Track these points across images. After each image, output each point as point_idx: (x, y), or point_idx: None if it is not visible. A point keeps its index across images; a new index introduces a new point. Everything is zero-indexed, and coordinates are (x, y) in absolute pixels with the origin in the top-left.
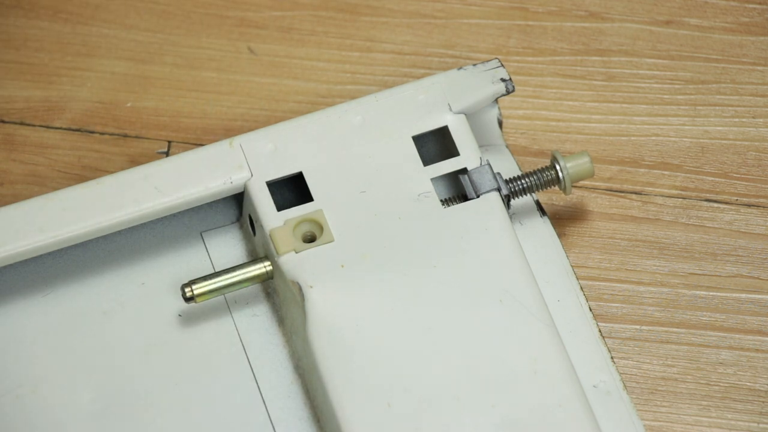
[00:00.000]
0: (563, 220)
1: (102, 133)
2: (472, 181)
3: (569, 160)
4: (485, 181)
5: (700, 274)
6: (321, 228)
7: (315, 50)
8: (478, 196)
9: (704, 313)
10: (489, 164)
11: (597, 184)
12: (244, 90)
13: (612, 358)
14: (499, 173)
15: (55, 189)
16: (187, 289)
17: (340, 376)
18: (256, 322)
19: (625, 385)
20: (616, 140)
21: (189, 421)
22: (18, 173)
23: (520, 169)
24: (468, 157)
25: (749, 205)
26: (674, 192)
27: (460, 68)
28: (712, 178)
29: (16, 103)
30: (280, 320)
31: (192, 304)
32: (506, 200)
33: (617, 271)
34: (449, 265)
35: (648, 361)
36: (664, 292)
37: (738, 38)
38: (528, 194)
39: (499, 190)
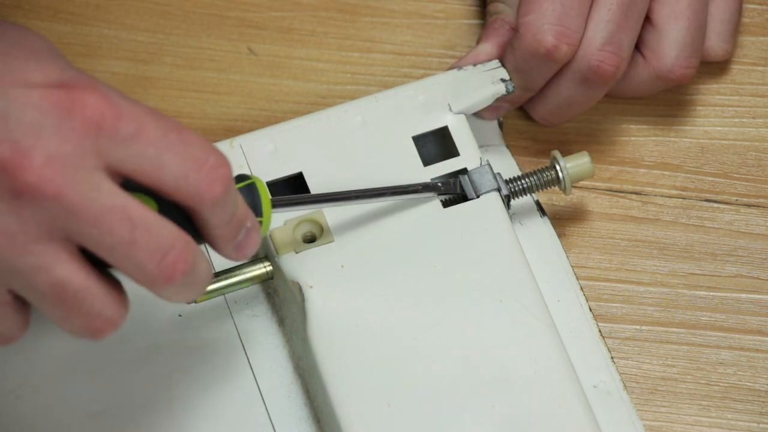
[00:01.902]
0: (563, 220)
1: None
2: (472, 182)
3: (569, 160)
4: (485, 181)
5: (700, 274)
6: (321, 228)
7: (315, 51)
8: (478, 197)
9: (704, 313)
10: (489, 164)
11: (597, 184)
12: (244, 90)
13: (612, 358)
14: (499, 173)
15: None
16: None
17: (340, 376)
18: (256, 322)
19: (625, 385)
20: (616, 140)
21: (189, 421)
22: None
23: (520, 169)
24: (468, 157)
25: (749, 205)
26: (674, 192)
27: (460, 68)
28: (712, 178)
29: None
30: (280, 320)
31: (192, 304)
32: (506, 200)
33: (617, 271)
34: (449, 265)
35: (648, 361)
36: (664, 292)
37: (738, 38)
38: (528, 194)
39: (499, 190)
